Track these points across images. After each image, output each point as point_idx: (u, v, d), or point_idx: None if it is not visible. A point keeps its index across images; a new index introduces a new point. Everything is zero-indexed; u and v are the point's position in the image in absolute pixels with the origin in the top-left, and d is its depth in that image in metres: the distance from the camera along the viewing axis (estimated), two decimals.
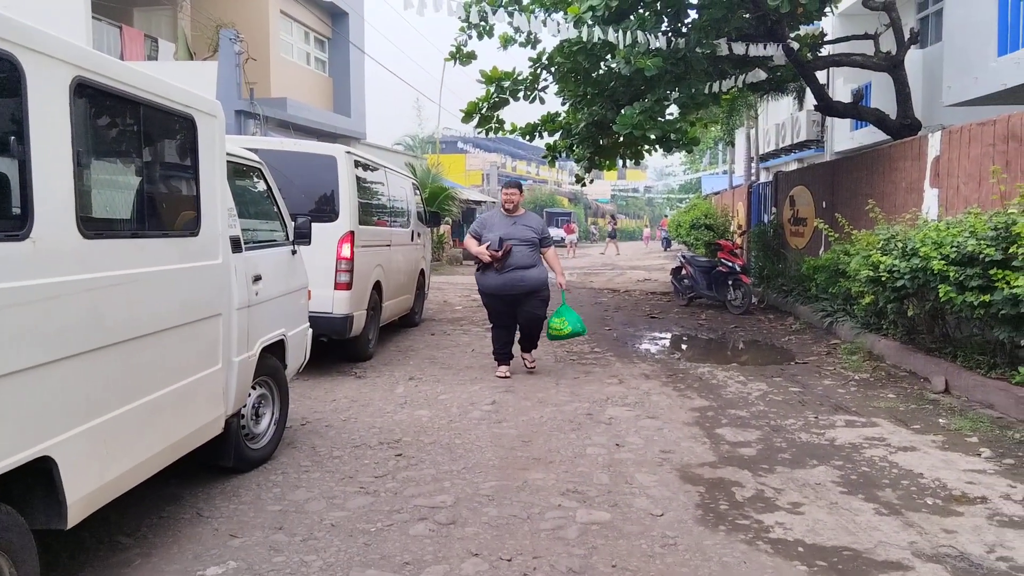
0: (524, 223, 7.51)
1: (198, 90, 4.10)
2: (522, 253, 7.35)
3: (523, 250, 7.36)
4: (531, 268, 7.39)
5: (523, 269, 7.35)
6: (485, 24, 11.44)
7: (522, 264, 7.33)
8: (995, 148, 7.54)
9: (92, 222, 3.10)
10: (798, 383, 7.35)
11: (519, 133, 13.67)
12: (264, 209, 5.43)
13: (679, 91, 10.83)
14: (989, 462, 4.93)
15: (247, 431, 4.73)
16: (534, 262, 7.44)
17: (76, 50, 2.94)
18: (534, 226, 7.55)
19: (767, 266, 14.97)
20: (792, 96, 19.10)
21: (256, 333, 4.64)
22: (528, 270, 7.38)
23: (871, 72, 12.65)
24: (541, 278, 7.48)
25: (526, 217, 7.65)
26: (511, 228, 7.41)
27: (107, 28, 14.54)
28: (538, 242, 7.51)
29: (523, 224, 7.49)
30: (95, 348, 3.03)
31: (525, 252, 7.37)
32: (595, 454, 5.14)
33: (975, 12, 10.52)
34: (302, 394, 6.69)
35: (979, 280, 6.07)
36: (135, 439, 3.35)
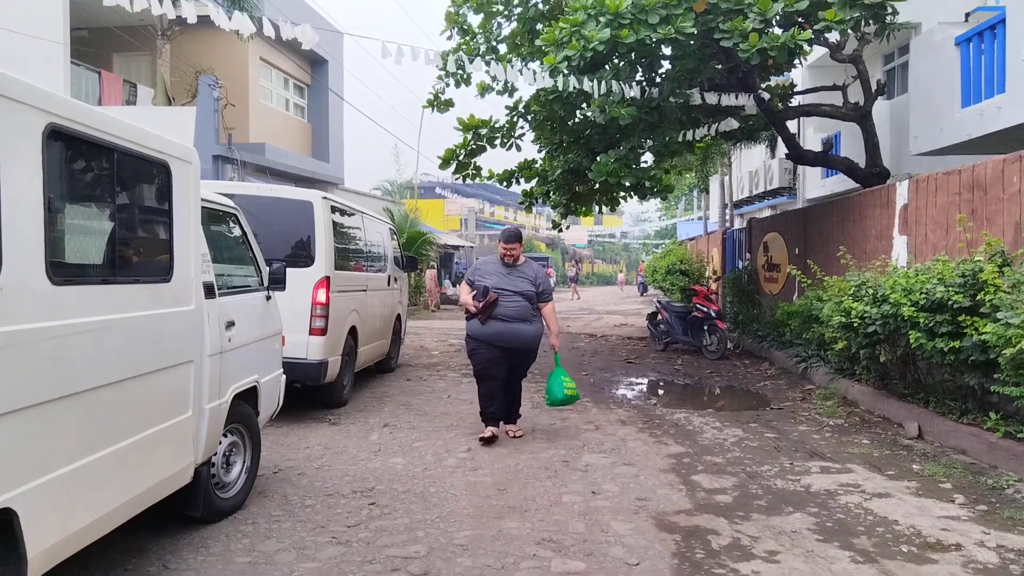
0: (520, 274, 6.80)
1: (176, 135, 4.11)
2: (517, 306, 6.67)
3: (518, 302, 6.67)
4: (527, 323, 6.72)
5: (520, 322, 6.67)
6: (463, 72, 11.64)
7: (518, 316, 6.66)
8: (961, 197, 7.71)
9: (62, 268, 3.08)
10: (774, 429, 7.36)
11: (496, 179, 13.83)
12: (239, 254, 5.41)
13: (653, 139, 11.02)
14: (963, 508, 4.95)
15: (217, 480, 4.64)
16: (531, 317, 6.75)
17: (50, 97, 2.94)
18: (531, 277, 6.82)
19: (742, 311, 15.10)
20: (764, 144, 19.48)
21: (228, 380, 4.58)
22: (524, 324, 6.70)
23: (840, 122, 12.95)
24: (537, 336, 6.82)
25: (524, 267, 6.90)
26: (505, 279, 6.73)
27: (86, 73, 14.58)
28: (535, 296, 6.78)
29: (519, 275, 6.78)
30: (61, 396, 2.97)
31: (520, 305, 6.68)
32: (571, 502, 5.09)
33: (939, 66, 10.85)
34: (275, 441, 6.59)
35: (948, 326, 6.16)
36: (100, 489, 3.28)
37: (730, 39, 8.83)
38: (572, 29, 8.97)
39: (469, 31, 12.35)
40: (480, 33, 12.25)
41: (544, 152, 13.57)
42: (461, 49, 11.84)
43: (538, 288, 6.82)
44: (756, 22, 8.73)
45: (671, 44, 9.30)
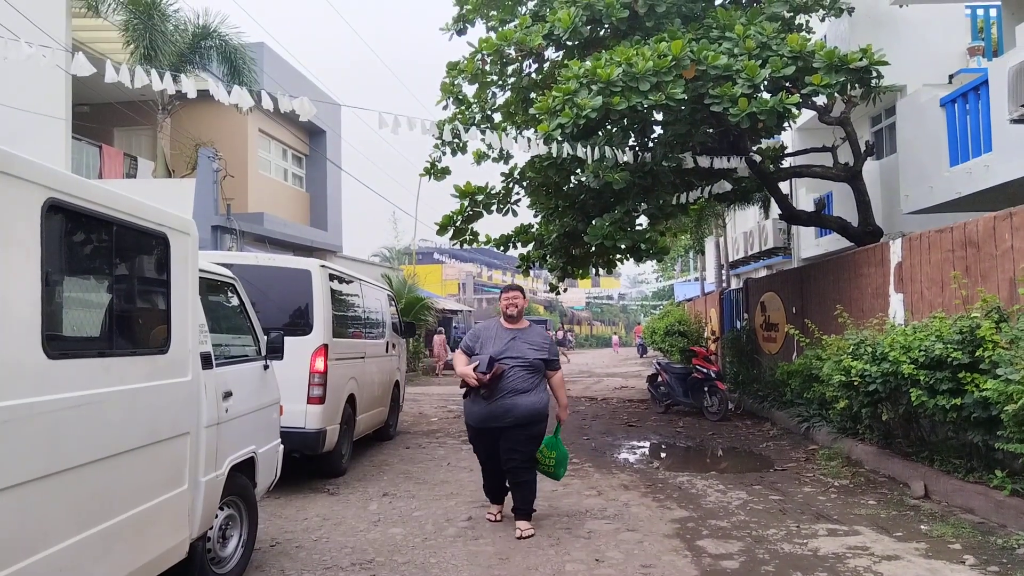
0: (526, 339, 6.05)
1: (175, 207, 4.15)
2: (518, 376, 5.88)
3: (520, 373, 5.88)
4: (525, 393, 5.87)
5: (516, 394, 5.84)
6: (458, 141, 11.83)
7: (516, 388, 5.85)
8: (954, 254, 7.77)
9: (58, 341, 3.07)
10: (778, 491, 7.25)
11: (493, 244, 13.94)
12: (236, 324, 5.41)
13: (647, 203, 11.15)
14: (974, 570, 4.85)
15: (213, 554, 4.54)
16: (531, 387, 5.92)
17: (49, 172, 2.98)
18: (538, 343, 6.09)
19: (742, 371, 15.03)
20: (758, 205, 19.68)
21: (225, 451, 4.53)
22: (521, 395, 5.85)
23: (832, 182, 13.12)
24: (537, 407, 5.91)
25: (529, 332, 6.17)
26: (509, 344, 5.97)
27: (87, 147, 14.82)
28: (542, 364, 6.03)
29: (524, 340, 6.03)
30: (55, 472, 2.94)
31: (522, 375, 5.90)
32: (574, 571, 4.99)
33: (926, 126, 11.05)
34: (272, 513, 6.48)
35: (949, 383, 6.13)
36: (94, 567, 3.21)
37: (720, 104, 9.01)
38: (565, 97, 9.16)
39: (464, 101, 12.59)
40: (475, 103, 12.50)
41: (540, 216, 13.72)
42: (457, 118, 12.06)
43: (547, 355, 6.08)
44: (745, 87, 8.92)
45: (662, 110, 9.49)
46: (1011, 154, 8.91)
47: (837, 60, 8.98)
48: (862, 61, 9.01)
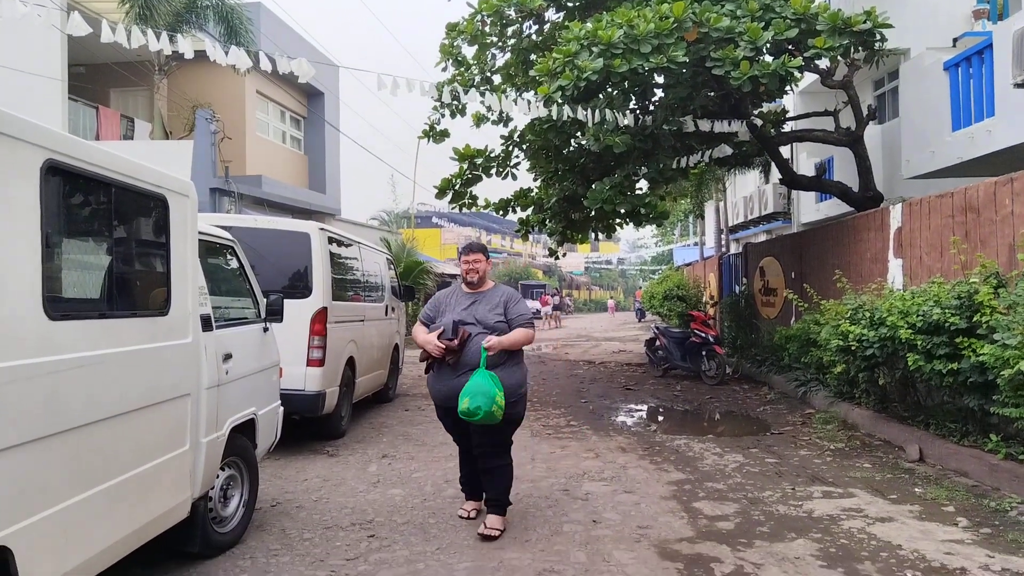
0: (488, 301, 5.12)
1: (173, 169, 4.13)
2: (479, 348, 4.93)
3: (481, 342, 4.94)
4: (499, 369, 4.95)
5: (497, 370, 4.95)
6: (458, 103, 11.74)
7: (478, 363, 4.90)
8: (954, 219, 7.76)
9: (59, 303, 3.08)
10: (774, 454, 7.33)
11: (492, 208, 13.92)
12: (236, 287, 5.41)
13: (647, 166, 11.10)
14: (967, 532, 4.92)
15: (215, 514, 4.60)
16: (498, 360, 4.95)
17: (48, 133, 2.96)
18: (499, 303, 5.11)
19: (740, 336, 15.10)
20: (758, 170, 19.61)
21: (225, 413, 4.56)
22: (498, 371, 4.93)
23: (833, 147, 13.05)
24: (507, 385, 4.91)
25: (492, 292, 5.19)
26: (468, 309, 5.09)
27: (84, 108, 14.70)
28: (507, 327, 5.05)
29: (486, 303, 5.11)
30: (58, 432, 2.96)
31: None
32: (572, 531, 5.05)
33: (929, 90, 10.96)
34: (273, 474, 6.55)
35: (946, 348, 6.17)
36: (97, 526, 3.25)
37: (722, 67, 8.93)
38: (565, 59, 9.07)
39: (464, 63, 12.48)
40: (474, 64, 12.38)
41: (539, 180, 13.67)
42: (456, 80, 11.96)
43: (509, 315, 5.08)
44: (747, 50, 8.84)
45: (663, 73, 9.40)
46: (1014, 119, 8.85)
47: (841, 23, 8.89)
48: (866, 24, 8.91)
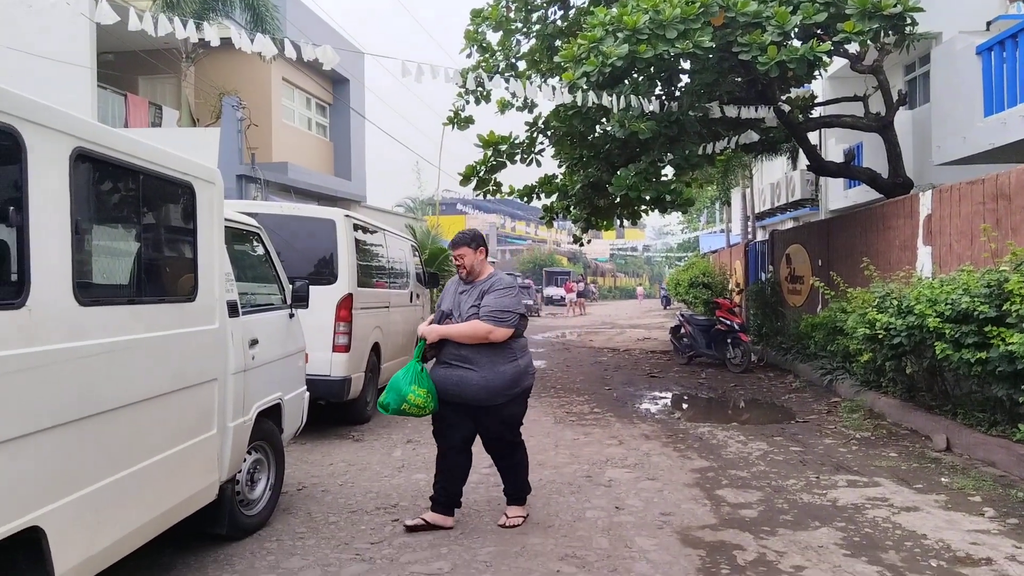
0: (474, 291, 4.79)
1: (200, 156, 4.18)
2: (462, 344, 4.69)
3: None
4: (474, 366, 4.65)
5: (464, 366, 4.67)
6: (482, 90, 11.73)
7: (462, 356, 4.68)
8: (985, 206, 7.63)
9: (89, 289, 3.13)
10: (799, 442, 7.29)
11: (517, 195, 13.91)
12: (262, 273, 5.47)
13: (673, 153, 11.02)
14: (993, 522, 4.87)
15: (242, 497, 4.67)
16: (481, 356, 4.66)
17: (76, 121, 3.00)
18: (479, 292, 4.76)
19: (766, 324, 15.00)
20: (786, 156, 19.41)
21: (252, 398, 4.62)
22: (470, 369, 4.65)
23: (862, 132, 12.88)
24: (493, 385, 4.65)
25: (483, 282, 4.82)
26: (458, 299, 4.85)
27: (112, 96, 14.86)
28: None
29: (472, 293, 4.79)
30: (88, 416, 3.02)
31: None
32: (594, 517, 5.07)
33: (961, 75, 10.76)
34: (299, 458, 6.63)
35: (975, 337, 6.08)
36: (127, 508, 3.32)
37: (749, 52, 8.83)
38: (590, 45, 9.02)
39: (488, 49, 12.45)
40: (499, 50, 12.35)
41: (564, 167, 13.63)
42: (480, 67, 11.94)
43: (481, 304, 4.68)
44: (774, 35, 8.73)
45: (689, 58, 9.32)
46: None
47: (870, 6, 8.73)
48: (896, 7, 8.75)
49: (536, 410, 9.14)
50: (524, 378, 4.86)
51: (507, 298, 4.72)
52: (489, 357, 4.68)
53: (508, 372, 4.72)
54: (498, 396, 4.71)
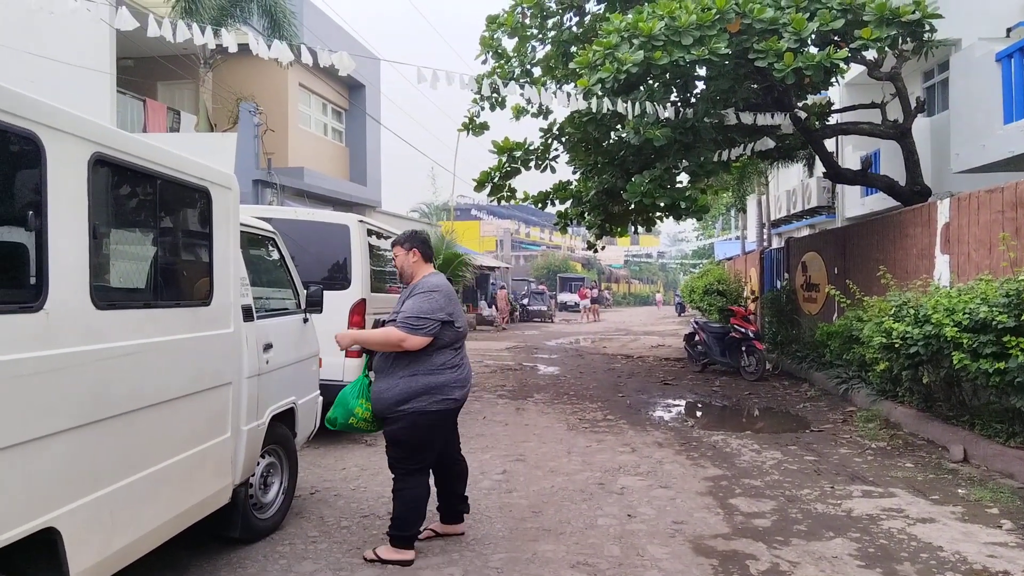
0: (404, 295, 4.55)
1: (217, 161, 4.21)
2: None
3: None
4: (380, 376, 4.40)
5: (380, 377, 4.41)
6: (497, 96, 11.75)
7: (380, 368, 4.44)
8: (1004, 215, 7.56)
9: (105, 292, 3.16)
10: (814, 452, 7.23)
11: (531, 201, 13.91)
12: (276, 277, 5.50)
13: (688, 160, 10.99)
14: (1011, 534, 4.81)
15: (255, 500, 4.69)
16: (386, 366, 4.36)
17: (95, 127, 3.04)
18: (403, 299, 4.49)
19: (781, 332, 14.91)
20: (802, 163, 19.31)
21: (266, 401, 4.65)
22: (379, 379, 4.41)
23: (879, 139, 12.80)
24: (380, 397, 4.33)
25: (419, 285, 4.48)
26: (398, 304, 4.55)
27: (131, 101, 15.01)
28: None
29: (402, 298, 4.56)
30: (104, 418, 3.04)
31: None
32: (606, 525, 5.05)
33: (980, 82, 10.68)
34: (312, 462, 6.65)
35: (993, 347, 6.02)
36: (141, 509, 3.34)
37: (765, 59, 8.80)
38: (606, 52, 9.02)
39: (504, 55, 12.47)
40: (514, 57, 12.37)
41: (579, 173, 13.62)
42: (496, 73, 11.96)
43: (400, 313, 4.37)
44: (791, 41, 8.69)
45: (705, 65, 9.29)
46: None
47: (888, 13, 8.68)
48: (915, 14, 8.70)
49: (549, 416, 9.14)
50: (422, 397, 4.24)
51: (427, 303, 4.28)
52: (391, 366, 4.33)
53: (399, 386, 4.27)
54: (385, 410, 4.32)
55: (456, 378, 4.39)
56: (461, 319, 4.48)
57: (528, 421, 8.83)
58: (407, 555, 4.32)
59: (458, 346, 4.47)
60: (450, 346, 4.40)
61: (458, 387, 4.39)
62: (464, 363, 4.49)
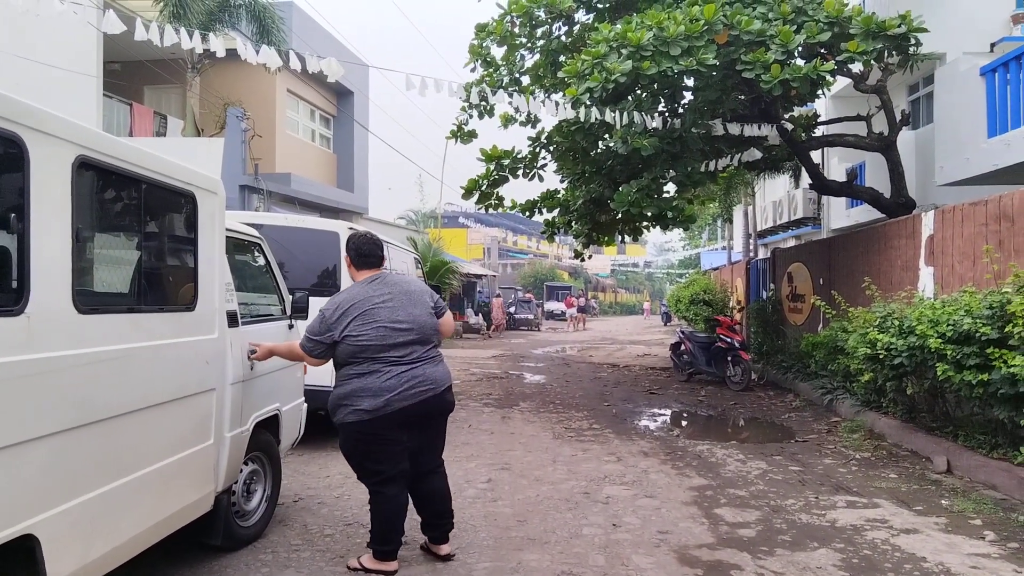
0: None
1: (204, 166, 4.19)
2: None
3: None
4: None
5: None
6: (486, 104, 11.75)
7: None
8: (988, 227, 7.63)
9: (88, 297, 3.13)
10: (798, 462, 7.25)
11: (519, 209, 13.91)
12: (262, 283, 5.47)
13: (675, 170, 11.03)
14: (994, 546, 4.83)
15: (237, 508, 4.65)
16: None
17: (79, 129, 3.01)
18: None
19: (766, 342, 14.96)
20: (788, 175, 19.44)
21: (250, 408, 4.61)
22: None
23: (865, 152, 12.90)
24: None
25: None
26: None
27: (118, 105, 14.92)
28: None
29: None
30: (85, 424, 3.01)
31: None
32: (591, 534, 5.04)
33: (965, 96, 10.79)
34: (296, 470, 6.60)
35: (976, 359, 6.06)
36: (122, 517, 3.30)
37: (752, 70, 8.86)
38: (594, 61, 9.05)
39: (492, 63, 12.48)
40: (503, 65, 12.38)
41: (566, 182, 13.64)
42: (484, 81, 11.97)
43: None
44: (778, 53, 8.76)
45: (693, 75, 9.34)
46: None
47: (875, 26, 8.77)
48: (900, 28, 8.79)
49: (535, 425, 9.12)
50: (338, 410, 4.25)
51: (316, 322, 4.27)
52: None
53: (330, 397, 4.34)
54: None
55: (365, 386, 4.14)
56: (365, 332, 4.17)
57: (514, 430, 8.81)
58: (390, 566, 4.29)
59: (372, 356, 4.17)
60: (356, 356, 4.19)
61: (368, 396, 4.12)
62: (387, 372, 4.16)
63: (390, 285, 4.39)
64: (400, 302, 4.32)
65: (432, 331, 4.43)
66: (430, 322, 4.41)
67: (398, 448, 4.29)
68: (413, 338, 4.28)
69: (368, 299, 4.26)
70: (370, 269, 4.50)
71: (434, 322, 4.45)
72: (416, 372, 4.24)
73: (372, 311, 4.23)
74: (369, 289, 4.33)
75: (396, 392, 4.15)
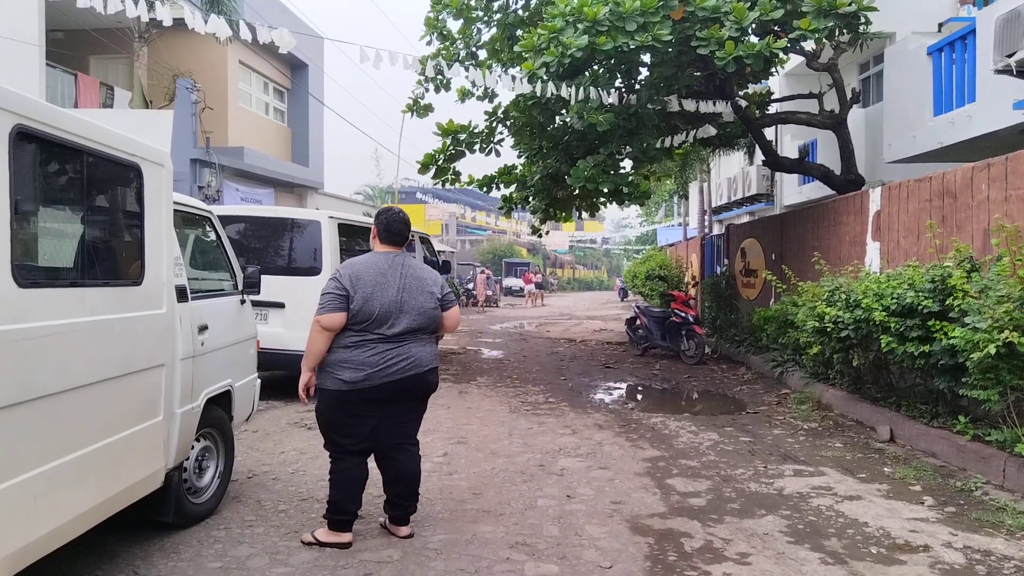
0: None
1: (153, 139, 4.09)
2: None
3: None
4: None
5: None
6: (442, 78, 11.67)
7: None
8: (931, 203, 7.82)
9: (28, 271, 3.05)
10: (749, 433, 7.41)
11: (476, 185, 13.87)
12: (213, 259, 5.38)
13: (631, 145, 11.09)
14: (932, 510, 5.01)
15: (189, 485, 4.60)
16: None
17: (17, 98, 2.92)
18: None
19: (720, 316, 15.20)
20: (743, 151, 19.64)
21: (201, 384, 4.55)
22: None
23: (817, 129, 13.10)
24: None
25: None
26: None
27: (62, 75, 14.46)
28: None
29: None
30: (27, 400, 2.94)
31: None
32: (546, 506, 5.10)
33: (912, 75, 10.99)
34: (250, 446, 6.56)
35: (918, 331, 6.25)
36: (67, 495, 3.25)
37: (707, 47, 8.91)
38: (551, 36, 9.02)
39: (449, 36, 12.38)
40: (460, 39, 12.29)
41: (523, 157, 13.62)
42: (440, 54, 11.87)
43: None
44: (732, 30, 8.82)
45: (649, 51, 9.37)
46: (994, 105, 8.92)
47: (826, 5, 8.86)
48: (851, 7, 8.90)
49: (491, 399, 9.18)
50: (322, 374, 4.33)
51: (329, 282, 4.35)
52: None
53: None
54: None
55: (349, 358, 4.20)
56: (370, 301, 4.19)
57: (470, 404, 8.85)
58: (344, 537, 4.31)
59: (364, 328, 4.21)
60: (353, 326, 4.22)
61: (350, 368, 4.17)
62: (372, 347, 4.20)
63: (405, 267, 4.38)
64: (409, 288, 4.32)
65: (434, 323, 4.43)
66: (434, 314, 4.41)
67: (365, 428, 4.32)
68: (414, 326, 4.29)
69: (382, 273, 4.28)
70: (393, 246, 4.48)
71: (438, 314, 4.44)
72: (401, 351, 4.26)
73: (381, 288, 4.24)
74: (384, 262, 4.34)
75: (378, 368, 4.20)
